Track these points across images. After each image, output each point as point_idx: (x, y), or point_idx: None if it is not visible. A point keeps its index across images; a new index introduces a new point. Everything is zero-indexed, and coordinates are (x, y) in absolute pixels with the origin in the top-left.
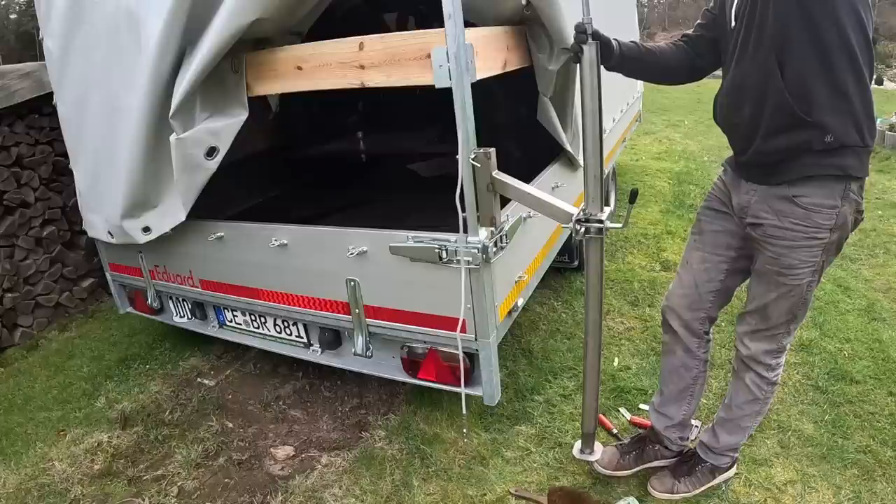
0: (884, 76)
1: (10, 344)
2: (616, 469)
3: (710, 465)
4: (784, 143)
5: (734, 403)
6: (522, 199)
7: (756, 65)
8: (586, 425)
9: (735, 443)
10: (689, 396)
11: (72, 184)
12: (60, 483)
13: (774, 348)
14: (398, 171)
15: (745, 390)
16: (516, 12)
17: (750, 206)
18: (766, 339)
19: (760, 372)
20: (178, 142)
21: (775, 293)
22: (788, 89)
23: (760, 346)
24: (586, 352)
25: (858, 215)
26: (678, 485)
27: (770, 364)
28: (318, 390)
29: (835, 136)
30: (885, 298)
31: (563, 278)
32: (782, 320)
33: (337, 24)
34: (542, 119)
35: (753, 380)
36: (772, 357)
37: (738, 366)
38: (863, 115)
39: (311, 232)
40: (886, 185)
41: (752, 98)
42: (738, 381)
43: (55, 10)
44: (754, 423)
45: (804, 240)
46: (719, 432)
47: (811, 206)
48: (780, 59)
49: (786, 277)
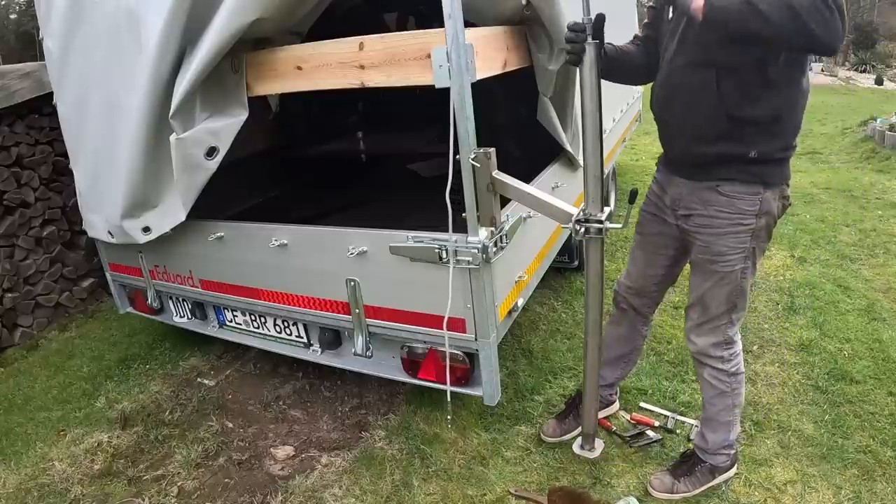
0: (884, 76)
1: (10, 344)
2: (561, 434)
3: (709, 465)
4: (712, 151)
5: (706, 400)
6: (522, 199)
7: (692, 69)
8: (586, 426)
9: (722, 440)
10: (623, 363)
11: (72, 184)
12: (60, 483)
13: (721, 340)
14: (398, 171)
15: (708, 386)
16: (516, 12)
17: (682, 199)
18: (710, 331)
19: (715, 365)
20: (178, 142)
21: (710, 282)
22: (724, 103)
23: (707, 340)
24: (586, 352)
25: (785, 201)
26: (678, 484)
27: (722, 356)
28: (318, 390)
29: (759, 151)
30: (885, 298)
31: (563, 278)
32: (722, 310)
33: (337, 24)
34: (542, 119)
35: (711, 374)
36: (721, 349)
37: (694, 363)
38: (790, 132)
39: (311, 232)
40: (886, 185)
41: (685, 101)
42: (701, 379)
43: (55, 10)
44: (733, 416)
45: (730, 226)
46: (705, 432)
47: (733, 194)
48: (718, 70)
49: (717, 265)
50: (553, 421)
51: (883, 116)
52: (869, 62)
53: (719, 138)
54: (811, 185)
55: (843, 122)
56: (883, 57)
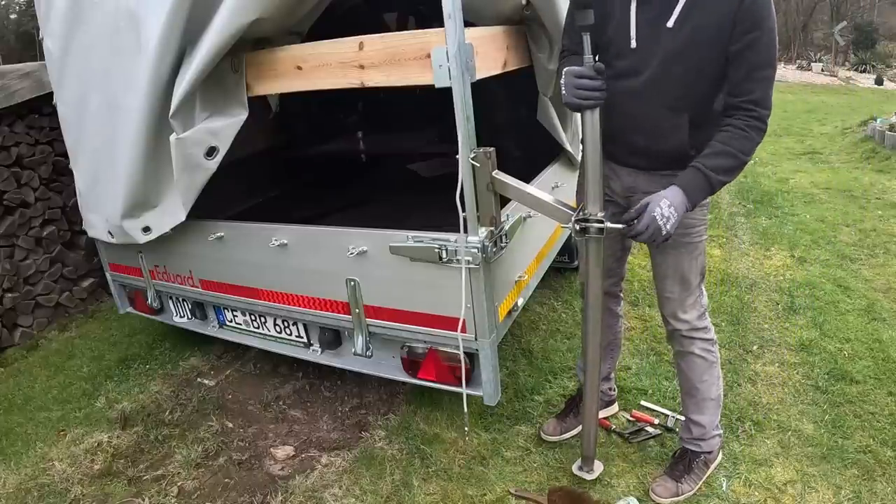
0: (884, 76)
1: (10, 344)
2: (562, 433)
3: (704, 456)
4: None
5: (696, 381)
6: (522, 199)
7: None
8: (586, 449)
9: (715, 420)
10: (611, 352)
11: (72, 184)
12: (60, 483)
13: (702, 311)
14: (398, 171)
15: (699, 361)
16: (516, 12)
17: (638, 186)
18: (693, 305)
19: (704, 336)
20: (178, 142)
21: (687, 256)
22: (693, 140)
23: (693, 314)
24: (586, 359)
25: None
26: (681, 486)
27: (706, 326)
28: (318, 390)
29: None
30: (885, 298)
31: (563, 278)
32: (697, 280)
33: (337, 23)
34: (542, 119)
35: (702, 347)
36: (704, 319)
37: (684, 344)
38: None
39: (311, 232)
40: (886, 185)
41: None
42: (690, 357)
43: (55, 10)
44: (719, 389)
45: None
46: (698, 418)
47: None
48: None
49: (691, 237)
50: (553, 420)
51: (883, 116)
52: (869, 62)
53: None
54: (811, 185)
55: (843, 122)
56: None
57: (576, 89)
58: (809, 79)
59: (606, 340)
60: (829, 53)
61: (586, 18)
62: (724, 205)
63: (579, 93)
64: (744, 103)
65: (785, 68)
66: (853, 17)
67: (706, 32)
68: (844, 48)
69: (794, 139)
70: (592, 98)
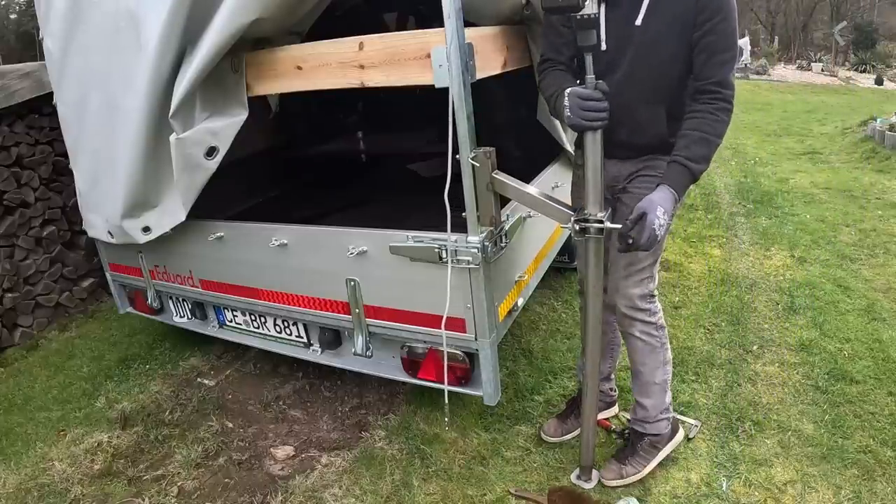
0: (884, 76)
1: (10, 344)
2: (562, 434)
3: (649, 438)
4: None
5: (638, 364)
6: (522, 199)
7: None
8: (584, 458)
9: (660, 404)
10: (610, 351)
11: (72, 184)
12: (60, 483)
13: (647, 293)
14: (398, 171)
15: (640, 343)
16: (516, 12)
17: (621, 174)
18: (637, 283)
19: (644, 318)
20: (178, 142)
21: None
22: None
23: (636, 291)
24: (586, 360)
25: None
26: (625, 468)
27: (650, 308)
28: (318, 390)
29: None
30: (885, 298)
31: (563, 278)
32: (648, 262)
33: (337, 23)
34: (543, 119)
35: (642, 329)
36: (647, 301)
37: (624, 323)
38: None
39: (311, 232)
40: (886, 185)
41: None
42: (631, 339)
43: (55, 10)
44: (666, 375)
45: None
46: (642, 400)
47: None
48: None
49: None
50: (554, 420)
51: (883, 116)
52: (869, 62)
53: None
54: (811, 185)
55: (843, 122)
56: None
57: (582, 111)
58: (809, 79)
59: (606, 339)
60: (829, 53)
61: (589, 39)
62: (724, 205)
63: (587, 114)
64: (709, 86)
65: (785, 68)
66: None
67: (672, 26)
68: (844, 48)
69: (794, 139)
70: (599, 119)
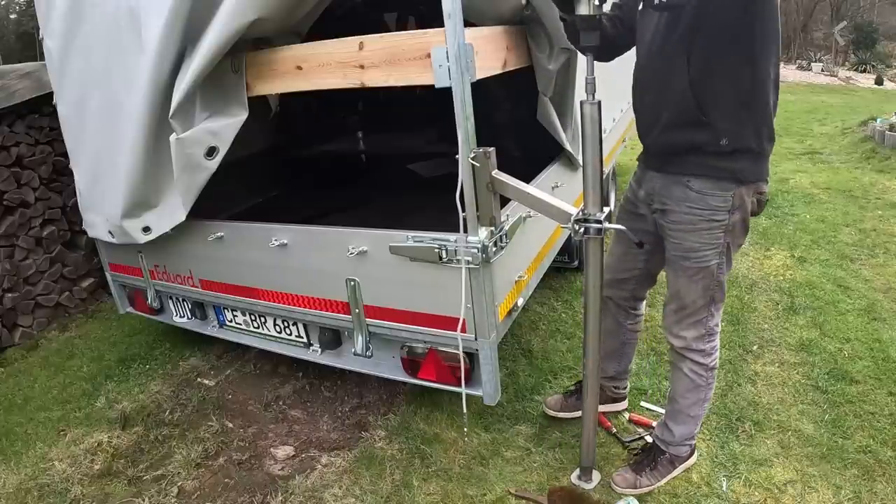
0: (884, 76)
1: (10, 344)
2: (561, 410)
3: (669, 456)
4: (680, 139)
5: (677, 394)
6: (522, 199)
7: (665, 56)
8: (584, 459)
9: (688, 433)
10: (618, 356)
11: (72, 184)
12: (60, 483)
13: (703, 333)
14: (398, 171)
15: (686, 380)
16: (516, 12)
17: (655, 193)
18: (692, 325)
19: (696, 359)
20: (178, 142)
21: (684, 277)
22: (693, 88)
23: (689, 334)
24: (586, 360)
25: (760, 197)
26: (640, 479)
27: (704, 349)
28: (318, 390)
29: (729, 140)
30: (885, 298)
31: (563, 278)
32: (700, 304)
33: (337, 24)
34: (542, 119)
35: (692, 368)
36: (703, 342)
37: (675, 357)
38: (761, 122)
39: (311, 232)
40: (886, 185)
41: (656, 88)
42: (678, 372)
43: (55, 10)
44: (701, 410)
45: (702, 223)
46: (671, 425)
47: (703, 191)
48: (689, 55)
49: (690, 261)
50: (559, 396)
51: (883, 116)
52: (869, 62)
53: (688, 124)
54: (811, 185)
55: (843, 122)
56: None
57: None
58: (809, 79)
59: (612, 346)
60: (830, 53)
61: (592, 40)
62: None
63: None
64: None
65: (785, 68)
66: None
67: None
68: (844, 48)
69: (794, 139)
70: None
